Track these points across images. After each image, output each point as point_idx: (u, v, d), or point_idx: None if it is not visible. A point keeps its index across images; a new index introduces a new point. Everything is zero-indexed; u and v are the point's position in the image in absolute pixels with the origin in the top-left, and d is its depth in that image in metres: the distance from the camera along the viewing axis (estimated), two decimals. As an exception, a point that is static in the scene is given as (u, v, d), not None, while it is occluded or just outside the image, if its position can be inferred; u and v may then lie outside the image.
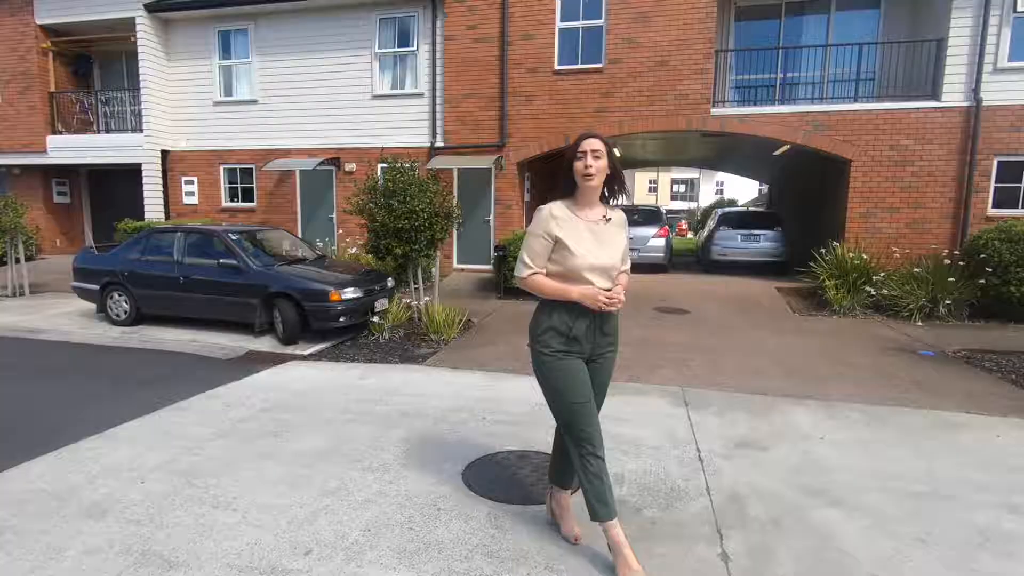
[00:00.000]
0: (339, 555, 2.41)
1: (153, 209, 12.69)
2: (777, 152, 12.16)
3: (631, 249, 12.42)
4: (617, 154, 2.35)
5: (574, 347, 2.30)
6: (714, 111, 10.08)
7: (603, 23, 10.31)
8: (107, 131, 13.50)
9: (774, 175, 17.15)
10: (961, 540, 2.57)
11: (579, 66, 10.51)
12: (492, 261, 10.45)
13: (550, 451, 3.48)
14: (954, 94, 9.06)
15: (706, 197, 47.24)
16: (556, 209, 2.31)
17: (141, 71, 12.24)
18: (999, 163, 9.03)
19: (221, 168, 12.70)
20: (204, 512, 2.77)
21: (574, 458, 2.32)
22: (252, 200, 12.65)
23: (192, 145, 12.79)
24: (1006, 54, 8.81)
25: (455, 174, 11.42)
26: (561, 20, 10.53)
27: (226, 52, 12.45)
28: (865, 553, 2.45)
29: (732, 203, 32.36)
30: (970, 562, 2.40)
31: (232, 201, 12.83)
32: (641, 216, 12.45)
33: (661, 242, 12.01)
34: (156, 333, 6.97)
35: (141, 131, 12.57)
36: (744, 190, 41.12)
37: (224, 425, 3.95)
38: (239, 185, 12.77)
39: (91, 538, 2.55)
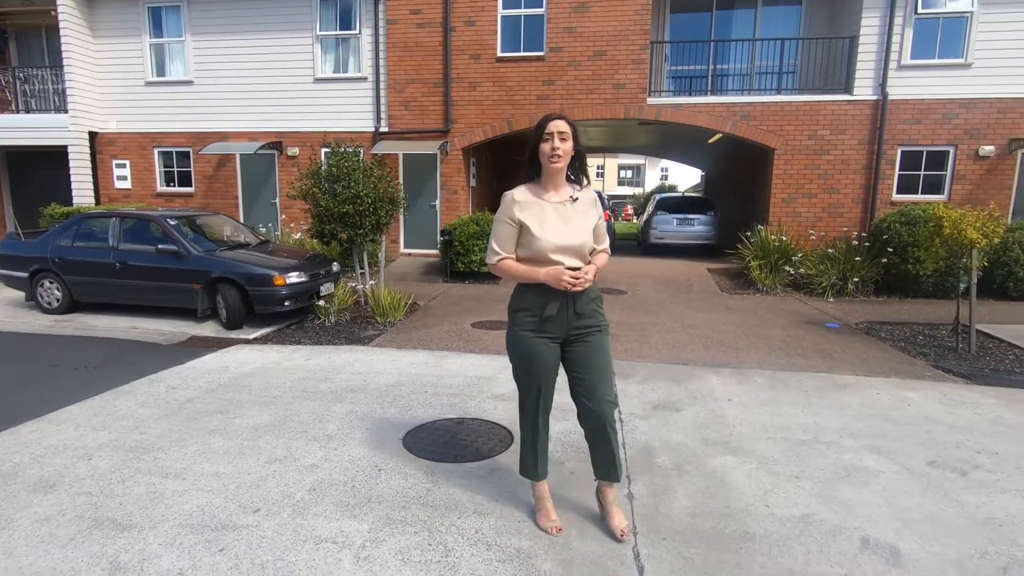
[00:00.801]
0: (286, 511, 2.63)
1: (82, 194, 12.13)
2: (711, 140, 12.79)
3: None
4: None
5: (544, 328, 2.35)
6: (650, 100, 10.54)
7: (544, 12, 10.55)
8: (27, 111, 12.76)
9: (710, 162, 17.94)
10: (828, 475, 3.04)
11: (521, 54, 10.73)
12: (439, 245, 10.62)
13: (485, 418, 3.80)
14: (864, 88, 9.84)
15: (652, 183, 48.48)
16: (519, 194, 2.35)
17: (64, 48, 11.61)
18: (902, 152, 9.89)
19: (155, 151, 12.26)
20: (154, 482, 2.92)
21: (520, 425, 2.52)
22: (190, 184, 12.29)
23: (123, 127, 12.27)
24: (909, 52, 9.62)
25: (400, 159, 11.47)
26: (503, 8, 10.70)
27: (157, 30, 11.96)
28: (747, 488, 2.88)
29: (672, 188, 33.48)
30: (831, 491, 2.86)
31: (168, 185, 12.43)
32: None
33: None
34: (92, 321, 6.84)
35: (66, 111, 11.94)
36: (687, 176, 42.37)
37: (169, 406, 4.05)
38: (175, 169, 12.37)
39: (42, 509, 2.67)
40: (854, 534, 2.49)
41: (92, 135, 12.21)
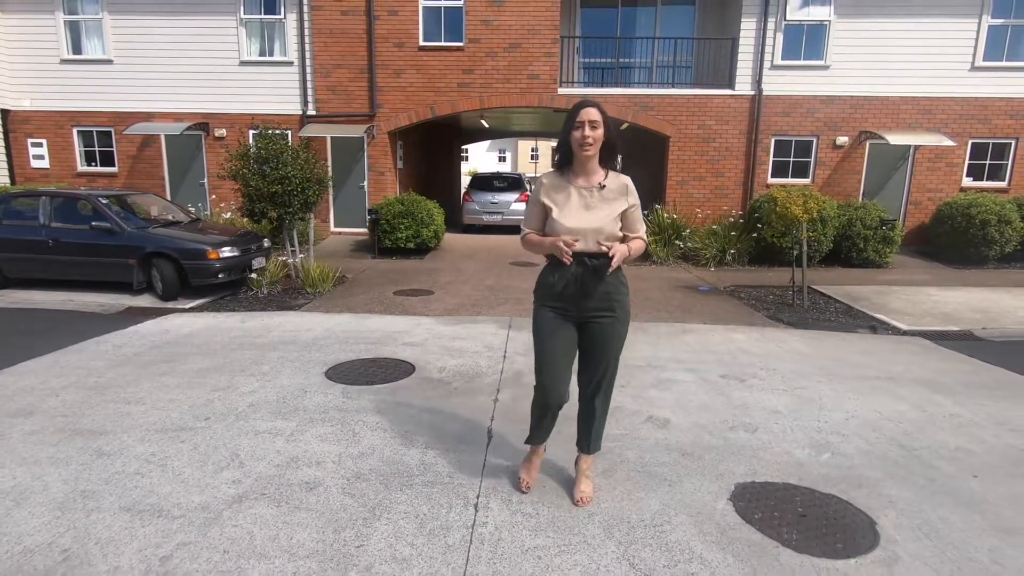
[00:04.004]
0: (231, 418, 3.44)
1: (-5, 173, 11.90)
2: (621, 127, 13.99)
3: (495, 213, 13.52)
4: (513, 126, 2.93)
5: (559, 304, 2.44)
6: (561, 90, 11.54)
7: (462, 4, 11.27)
8: (-71, 86, 12.26)
9: (623, 149, 19.28)
10: (645, 385, 4.14)
11: (442, 44, 11.43)
12: (367, 224, 11.28)
13: (396, 357, 4.69)
14: (744, 84, 11.22)
15: (583, 165, 50.04)
16: (548, 178, 2.47)
17: (-31, 22, 11.29)
18: (775, 141, 11.40)
19: (75, 130, 12.14)
20: (118, 407, 3.64)
21: (532, 399, 2.61)
22: (113, 164, 12.28)
23: (38, 105, 12.06)
24: (780, 54, 11.07)
25: (328, 142, 11.96)
26: (425, -1, 11.35)
27: (72, 6, 11.79)
28: (583, 393, 3.92)
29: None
30: (642, 393, 3.96)
31: (90, 165, 12.35)
32: (506, 183, 14.08)
33: (522, 206, 13.54)
34: (26, 295, 7.15)
35: (-27, 88, 11.65)
36: (616, 159, 44.28)
37: (119, 359, 4.68)
38: (96, 149, 12.31)
39: (27, 426, 3.35)
40: (644, 415, 3.58)
41: (4, 113, 11.95)
